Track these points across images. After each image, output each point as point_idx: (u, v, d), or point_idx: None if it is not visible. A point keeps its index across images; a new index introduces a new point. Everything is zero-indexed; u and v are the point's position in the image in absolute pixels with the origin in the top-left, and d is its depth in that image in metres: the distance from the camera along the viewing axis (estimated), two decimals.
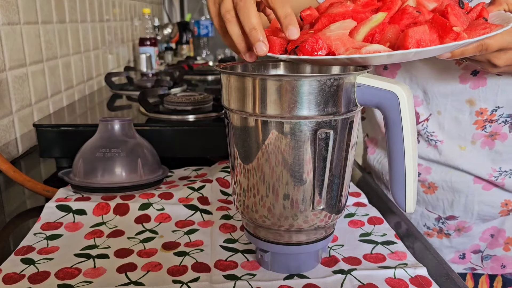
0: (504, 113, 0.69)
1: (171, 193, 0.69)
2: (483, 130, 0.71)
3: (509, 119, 0.69)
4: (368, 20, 0.45)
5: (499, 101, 0.68)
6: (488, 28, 0.45)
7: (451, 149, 0.74)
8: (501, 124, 0.70)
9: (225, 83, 0.46)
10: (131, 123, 0.75)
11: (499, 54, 0.53)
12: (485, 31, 0.45)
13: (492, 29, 0.45)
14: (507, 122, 0.69)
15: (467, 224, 0.78)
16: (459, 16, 0.46)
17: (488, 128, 0.70)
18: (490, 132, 0.70)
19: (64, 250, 0.55)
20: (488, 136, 0.71)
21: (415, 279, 0.49)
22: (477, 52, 0.51)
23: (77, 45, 1.34)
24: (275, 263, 0.50)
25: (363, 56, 0.41)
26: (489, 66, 0.56)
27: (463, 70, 0.69)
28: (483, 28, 0.45)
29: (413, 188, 0.44)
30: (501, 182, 0.73)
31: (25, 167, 0.90)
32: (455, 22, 0.45)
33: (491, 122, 0.70)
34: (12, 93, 0.95)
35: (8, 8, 0.94)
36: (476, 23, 0.47)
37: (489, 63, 0.55)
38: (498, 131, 0.70)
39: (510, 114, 0.69)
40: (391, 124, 0.42)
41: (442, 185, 0.77)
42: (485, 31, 0.45)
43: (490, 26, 0.46)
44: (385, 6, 0.46)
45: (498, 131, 0.70)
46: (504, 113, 0.69)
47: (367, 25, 0.45)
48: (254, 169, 0.46)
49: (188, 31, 2.51)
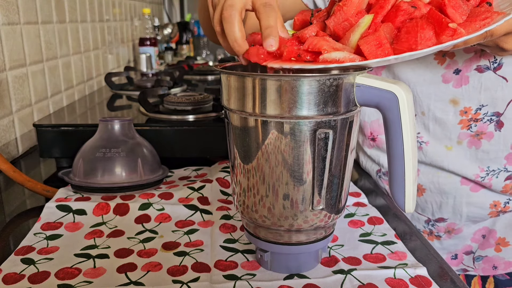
0: (489, 111, 0.68)
1: (171, 193, 0.69)
2: (468, 129, 0.70)
3: (494, 117, 0.68)
4: (356, 26, 0.44)
5: (483, 99, 0.67)
6: (490, 18, 0.43)
7: (436, 150, 0.73)
8: (486, 123, 0.69)
9: (225, 83, 0.46)
10: (131, 123, 0.75)
11: (506, 38, 0.51)
12: (485, 21, 0.43)
13: (494, 18, 0.43)
14: (492, 121, 0.68)
15: (457, 226, 0.77)
16: (457, 7, 0.44)
17: (474, 128, 0.70)
18: (476, 131, 0.70)
19: (64, 250, 0.55)
20: (474, 136, 0.70)
21: (415, 279, 0.49)
22: (481, 39, 0.49)
23: (77, 45, 1.34)
24: (275, 263, 0.50)
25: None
26: (497, 50, 0.54)
27: (445, 69, 0.68)
28: (483, 18, 0.43)
29: (412, 188, 0.44)
30: (488, 183, 0.72)
31: (25, 167, 0.90)
32: (453, 14, 0.43)
33: (476, 122, 0.69)
34: (12, 93, 0.95)
35: (8, 8, 0.94)
36: (478, 11, 0.45)
37: (498, 47, 0.53)
38: (483, 130, 0.69)
39: (494, 113, 0.68)
40: (391, 124, 0.42)
41: (429, 187, 0.76)
42: (485, 22, 0.43)
43: (492, 14, 0.44)
44: (377, 4, 0.45)
45: (483, 130, 0.69)
46: (489, 112, 0.68)
47: (357, 31, 0.44)
48: (254, 169, 0.46)
49: (188, 31, 2.51)
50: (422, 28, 0.42)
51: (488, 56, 0.65)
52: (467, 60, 0.66)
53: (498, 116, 0.68)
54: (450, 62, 0.67)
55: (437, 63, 0.68)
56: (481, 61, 0.66)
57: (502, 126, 0.68)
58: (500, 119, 0.68)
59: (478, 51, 0.65)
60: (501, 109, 0.68)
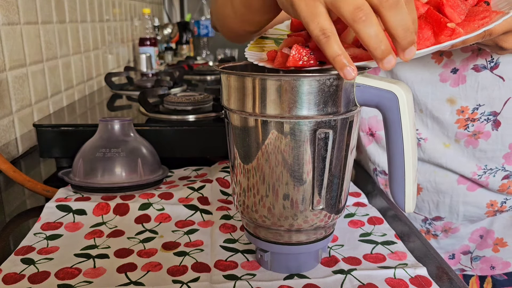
0: (486, 111, 0.68)
1: (171, 193, 0.69)
2: (465, 129, 0.70)
3: (491, 117, 0.68)
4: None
5: (480, 98, 0.67)
6: (488, 17, 0.43)
7: (435, 147, 0.73)
8: (483, 122, 0.69)
9: (225, 83, 0.46)
10: (131, 123, 0.75)
11: (505, 37, 0.51)
12: (483, 21, 0.43)
13: (492, 18, 0.43)
14: (489, 120, 0.68)
15: (454, 225, 0.77)
16: (455, 6, 0.44)
17: (471, 128, 0.69)
18: (473, 131, 0.69)
19: (64, 250, 0.55)
20: (471, 136, 0.70)
21: (415, 279, 0.49)
22: (480, 39, 0.49)
23: (77, 45, 1.34)
24: (275, 263, 0.50)
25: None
26: (497, 49, 0.54)
27: (443, 68, 0.68)
28: (482, 18, 0.43)
29: (412, 188, 0.43)
30: (484, 181, 0.72)
31: (25, 167, 0.90)
32: (451, 14, 0.43)
33: (473, 121, 0.69)
34: (12, 93, 0.95)
35: (8, 8, 0.94)
36: (476, 11, 0.45)
37: (497, 46, 0.53)
38: (481, 129, 0.69)
39: (491, 112, 0.68)
40: (391, 124, 0.42)
41: (426, 186, 0.76)
42: (484, 21, 0.43)
43: (490, 14, 0.44)
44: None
45: (481, 130, 0.69)
46: (486, 111, 0.68)
47: (351, 32, 0.44)
48: (254, 169, 0.46)
49: (188, 31, 2.51)
50: (420, 28, 0.42)
51: (485, 55, 0.65)
52: (464, 59, 0.66)
53: (495, 115, 0.68)
54: (447, 61, 0.67)
55: (435, 62, 0.68)
56: (478, 60, 0.66)
57: (499, 125, 0.68)
58: (497, 119, 0.68)
59: (475, 50, 0.65)
60: (498, 109, 0.68)
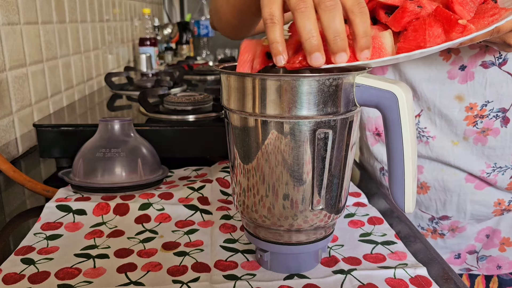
0: (495, 107, 0.68)
1: (171, 193, 0.69)
2: (474, 126, 0.70)
3: (500, 113, 0.68)
4: None
5: (488, 95, 0.67)
6: (498, 14, 0.43)
7: (443, 144, 0.73)
8: (492, 119, 0.69)
9: (225, 83, 0.46)
10: (131, 123, 0.75)
11: None
12: (493, 18, 0.43)
13: (502, 15, 0.43)
14: (498, 117, 0.68)
15: (461, 224, 0.77)
16: (464, 4, 0.44)
17: (480, 124, 0.69)
18: (482, 128, 0.69)
19: (64, 250, 0.55)
20: (480, 133, 0.70)
21: (415, 279, 0.49)
22: (488, 36, 0.49)
23: (77, 45, 1.34)
24: (275, 263, 0.50)
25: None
26: (504, 47, 0.55)
27: (451, 65, 0.68)
28: (491, 15, 0.43)
29: (412, 188, 0.43)
30: (493, 179, 0.72)
31: (25, 167, 0.90)
32: (461, 11, 0.43)
33: (482, 118, 0.69)
34: (12, 93, 0.95)
35: (8, 8, 0.94)
36: (485, 8, 0.45)
37: (505, 43, 0.53)
38: (490, 126, 0.69)
39: (500, 109, 0.68)
40: (391, 124, 0.42)
41: (434, 185, 0.76)
42: (494, 18, 0.42)
43: (500, 11, 0.44)
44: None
45: (490, 127, 0.69)
46: (495, 108, 0.68)
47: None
48: (254, 169, 0.46)
49: (188, 31, 2.51)
50: (430, 26, 0.42)
51: (493, 51, 0.65)
52: (472, 56, 0.66)
53: (504, 112, 0.68)
54: (455, 59, 0.67)
55: (442, 59, 0.68)
56: (486, 56, 0.65)
57: (508, 122, 0.68)
58: (506, 115, 0.68)
59: (483, 47, 0.65)
60: (507, 105, 0.67)
